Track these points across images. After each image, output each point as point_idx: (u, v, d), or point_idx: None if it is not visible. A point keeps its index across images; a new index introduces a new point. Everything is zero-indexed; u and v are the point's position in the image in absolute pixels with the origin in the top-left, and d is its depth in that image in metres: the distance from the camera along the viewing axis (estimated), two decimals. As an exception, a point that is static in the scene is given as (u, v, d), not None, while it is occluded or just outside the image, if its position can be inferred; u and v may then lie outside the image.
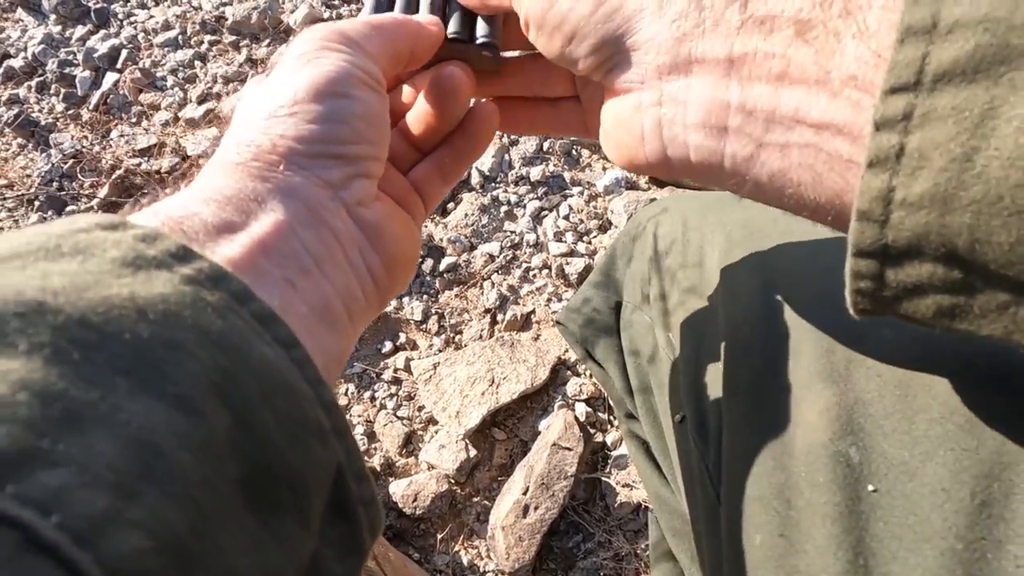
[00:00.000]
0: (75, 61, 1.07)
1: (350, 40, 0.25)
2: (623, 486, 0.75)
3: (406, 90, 0.31)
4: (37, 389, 0.12)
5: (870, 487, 0.23)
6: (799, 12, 0.19)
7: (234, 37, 1.07)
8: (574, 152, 0.95)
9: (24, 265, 0.15)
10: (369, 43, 0.25)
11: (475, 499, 0.77)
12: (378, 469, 0.79)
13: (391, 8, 0.30)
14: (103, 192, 0.96)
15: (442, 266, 0.89)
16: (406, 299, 0.88)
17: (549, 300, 0.87)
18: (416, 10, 0.30)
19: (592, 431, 0.78)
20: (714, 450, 0.32)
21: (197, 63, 1.06)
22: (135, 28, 1.10)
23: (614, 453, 0.77)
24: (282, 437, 0.16)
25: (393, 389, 0.83)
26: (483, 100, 0.31)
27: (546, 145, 0.96)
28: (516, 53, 0.31)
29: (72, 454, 0.12)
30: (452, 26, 0.30)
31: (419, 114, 0.30)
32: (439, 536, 0.75)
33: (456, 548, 0.75)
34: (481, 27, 0.30)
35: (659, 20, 0.22)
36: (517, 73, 0.31)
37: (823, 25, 0.19)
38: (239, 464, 0.15)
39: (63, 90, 1.04)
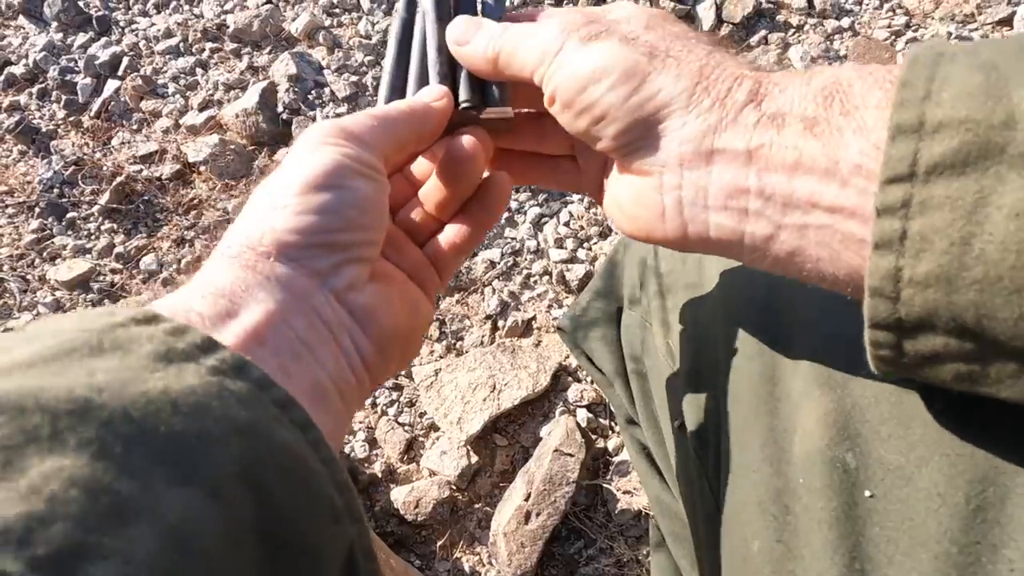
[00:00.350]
0: (76, 68, 1.07)
1: (350, 134, 0.26)
2: (624, 492, 0.75)
3: (423, 162, 0.32)
4: (85, 484, 0.14)
5: (867, 492, 0.23)
6: (805, 111, 0.21)
7: (235, 45, 1.08)
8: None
9: (71, 363, 0.16)
10: (369, 134, 0.26)
11: (476, 505, 0.77)
12: (379, 476, 0.79)
13: (405, 80, 0.31)
14: (104, 199, 0.97)
15: (443, 272, 0.89)
16: (407, 305, 0.88)
17: (550, 306, 0.87)
18: (427, 80, 0.31)
19: (594, 437, 0.78)
20: (712, 456, 0.32)
21: (198, 70, 1.07)
22: (136, 36, 1.10)
23: (615, 459, 0.77)
24: (300, 514, 0.18)
25: (394, 395, 0.83)
26: (498, 171, 0.32)
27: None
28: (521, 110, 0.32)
29: (117, 547, 0.14)
30: (463, 93, 0.30)
31: (434, 185, 0.31)
32: (440, 543, 0.75)
33: (457, 555, 0.75)
34: (492, 91, 0.30)
35: (686, 114, 0.23)
36: (515, 130, 0.32)
37: (827, 122, 0.21)
38: (263, 544, 0.16)
39: (64, 97, 1.05)
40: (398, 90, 0.31)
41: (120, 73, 1.06)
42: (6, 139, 1.03)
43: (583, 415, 0.79)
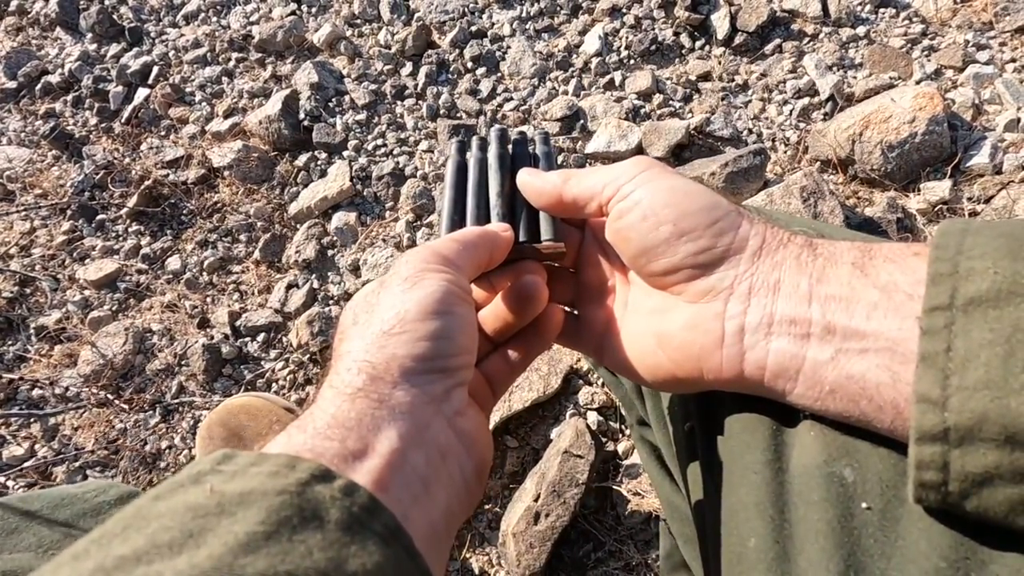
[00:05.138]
0: (109, 77, 1.12)
1: (446, 260, 0.28)
2: (634, 495, 0.75)
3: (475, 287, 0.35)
4: None
5: (863, 504, 0.24)
6: (853, 258, 0.25)
7: (260, 55, 1.11)
8: (588, 164, 0.97)
9: (285, 543, 0.18)
10: (460, 259, 0.29)
11: (486, 506, 0.78)
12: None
13: (463, 221, 0.34)
14: (132, 202, 1.00)
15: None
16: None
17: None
18: (484, 219, 0.34)
19: (603, 440, 0.78)
20: (717, 456, 0.33)
21: (224, 79, 1.10)
22: (166, 46, 1.14)
23: (625, 462, 0.77)
24: None
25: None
26: (552, 303, 0.34)
27: (559, 159, 0.97)
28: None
29: None
30: (522, 233, 0.34)
31: (496, 313, 0.33)
32: (450, 542, 0.76)
33: (466, 555, 0.76)
34: (545, 229, 0.34)
35: (759, 252, 0.27)
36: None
37: (873, 267, 0.24)
38: None
39: (97, 104, 1.09)
40: (458, 226, 0.34)
41: (150, 82, 1.10)
42: (41, 144, 1.08)
43: (593, 418, 0.79)
